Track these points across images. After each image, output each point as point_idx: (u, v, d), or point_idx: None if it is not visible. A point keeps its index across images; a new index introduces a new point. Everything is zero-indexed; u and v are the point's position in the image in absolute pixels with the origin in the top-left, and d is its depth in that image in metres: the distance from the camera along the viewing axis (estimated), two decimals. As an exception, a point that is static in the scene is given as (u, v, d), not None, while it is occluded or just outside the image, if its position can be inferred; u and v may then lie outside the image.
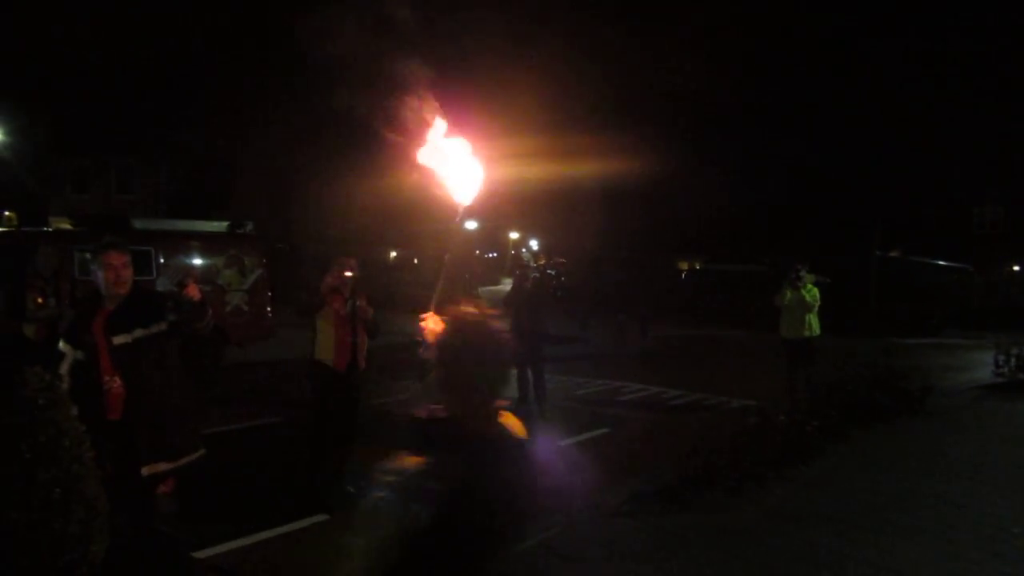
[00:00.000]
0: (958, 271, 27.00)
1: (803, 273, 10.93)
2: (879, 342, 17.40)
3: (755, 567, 5.06)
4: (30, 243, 11.71)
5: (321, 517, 6.00)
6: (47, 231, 12.80)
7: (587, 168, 27.57)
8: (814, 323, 10.88)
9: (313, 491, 6.29)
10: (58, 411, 3.21)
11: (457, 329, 2.42)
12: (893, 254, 26.59)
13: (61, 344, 4.14)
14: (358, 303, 6.37)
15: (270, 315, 14.37)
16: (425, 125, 2.46)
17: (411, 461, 2.46)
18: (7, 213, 12.88)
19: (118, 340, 4.11)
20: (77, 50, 24.97)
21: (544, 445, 7.10)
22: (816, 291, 10.97)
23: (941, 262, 26.89)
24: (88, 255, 12.70)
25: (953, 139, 24.44)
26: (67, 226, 13.13)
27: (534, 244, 61.95)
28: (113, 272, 4.15)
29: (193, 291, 4.14)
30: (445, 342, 2.43)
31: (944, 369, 13.81)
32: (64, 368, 4.03)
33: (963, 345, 18.43)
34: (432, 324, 2.54)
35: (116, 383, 4.08)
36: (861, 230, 25.26)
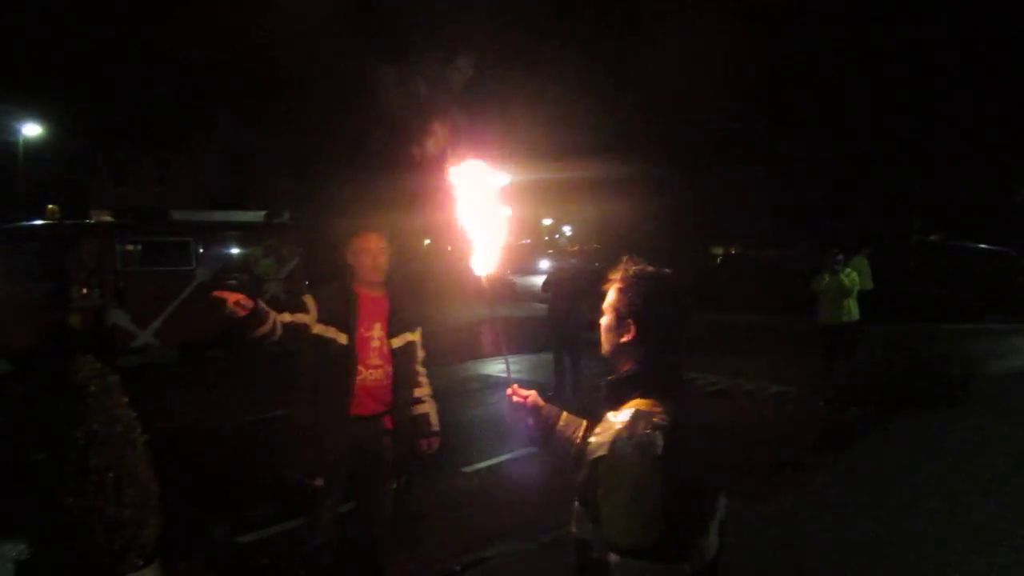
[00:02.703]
0: (1000, 255, 26.45)
1: (840, 257, 10.81)
2: (919, 328, 17.13)
3: (793, 553, 5.04)
4: (73, 235, 11.95)
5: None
6: (89, 223, 13.02)
7: (619, 154, 27.45)
8: (853, 308, 10.76)
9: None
10: (110, 398, 3.28)
11: None
12: (933, 238, 26.14)
13: (315, 324, 3.76)
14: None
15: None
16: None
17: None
18: (50, 206, 13.13)
19: (398, 335, 3.97)
20: (115, 45, 25.31)
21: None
22: (855, 275, 10.85)
23: (982, 246, 26.36)
24: (131, 246, 12.97)
25: (995, 121, 23.90)
26: (108, 218, 13.36)
27: (567, 230, 61.82)
28: (370, 257, 3.91)
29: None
30: None
31: (986, 355, 13.56)
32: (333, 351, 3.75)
33: (1006, 331, 18.08)
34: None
35: (375, 375, 3.88)
36: (900, 214, 24.86)
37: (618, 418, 1.91)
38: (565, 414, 2.35)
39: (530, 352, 13.89)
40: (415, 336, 4.10)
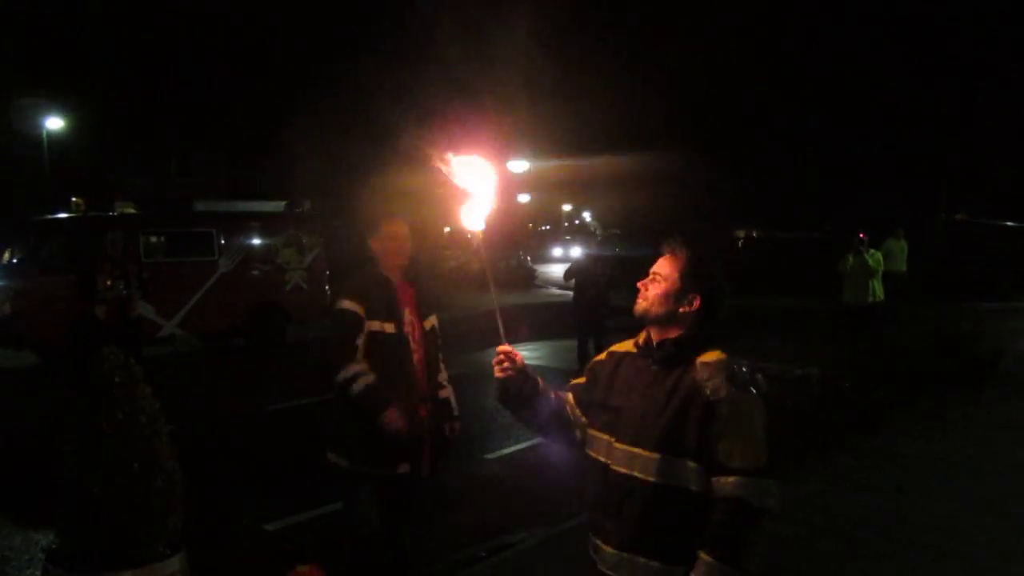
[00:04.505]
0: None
1: (865, 238, 10.71)
2: (945, 307, 16.95)
3: (819, 535, 5.00)
4: (98, 227, 12.06)
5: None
6: (113, 215, 13.14)
7: (638, 138, 27.30)
8: (878, 289, 10.66)
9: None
10: (134, 388, 3.29)
11: None
12: (958, 216, 25.82)
13: (356, 307, 3.77)
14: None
15: (328, 293, 14.58)
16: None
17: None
18: (75, 199, 13.24)
19: (426, 319, 4.02)
20: (136, 38, 25.52)
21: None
22: (879, 256, 10.75)
23: (1009, 223, 25.99)
24: (155, 238, 13.06)
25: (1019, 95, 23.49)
26: (132, 210, 13.46)
27: (587, 215, 61.66)
28: (396, 243, 3.94)
29: None
30: None
31: (1014, 333, 13.38)
32: (361, 341, 3.76)
33: (1034, 309, 17.83)
34: None
35: (420, 360, 3.94)
36: (925, 193, 24.56)
37: (717, 366, 2.21)
38: (541, 379, 2.51)
39: (552, 338, 13.88)
40: (435, 320, 4.13)
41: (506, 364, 2.43)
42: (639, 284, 2.36)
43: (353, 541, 3.91)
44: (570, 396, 2.52)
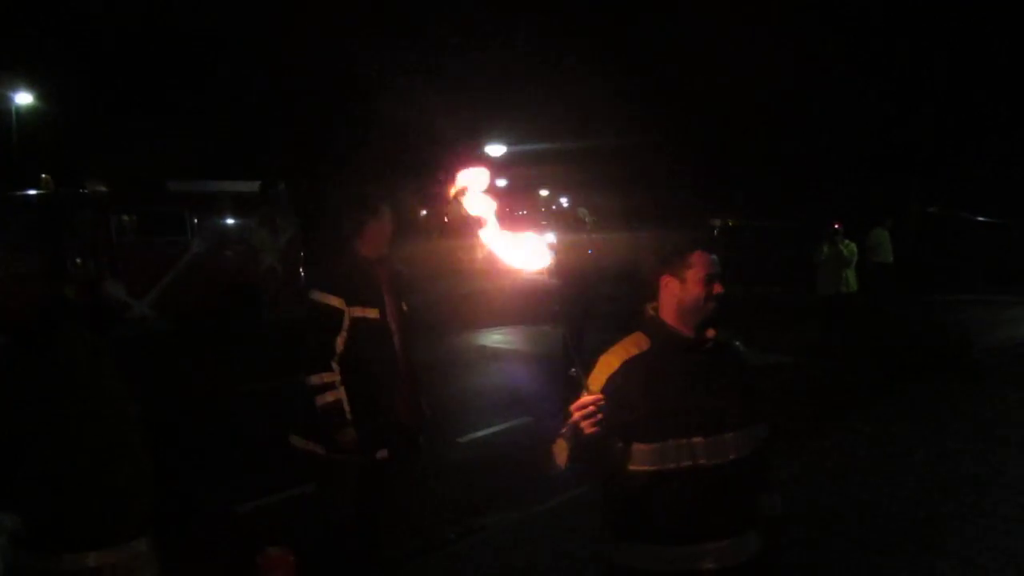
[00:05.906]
0: (997, 226, 26.39)
1: (839, 228, 10.79)
2: (915, 299, 17.16)
3: (789, 524, 5.04)
4: (68, 206, 11.89)
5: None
6: (84, 194, 12.94)
7: (616, 124, 27.29)
8: (852, 279, 10.75)
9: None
10: (100, 370, 3.25)
11: None
12: (931, 210, 26.10)
13: (332, 299, 3.76)
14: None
15: (303, 275, 14.49)
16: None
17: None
18: (44, 176, 13.03)
19: (403, 303, 4.06)
20: (109, 14, 25.08)
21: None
22: (854, 246, 10.83)
23: (980, 217, 26.32)
24: (126, 217, 12.88)
25: (998, 86, 23.72)
26: (103, 189, 13.27)
27: (564, 201, 61.62)
28: (380, 228, 3.96)
29: None
30: None
31: (982, 325, 13.56)
32: (346, 325, 3.76)
33: (1001, 301, 18.07)
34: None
35: (400, 343, 3.96)
36: (899, 185, 24.76)
37: (730, 333, 2.54)
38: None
39: (526, 323, 13.89)
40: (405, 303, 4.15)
41: (600, 416, 2.04)
42: (718, 288, 2.46)
43: (326, 525, 3.90)
44: None
